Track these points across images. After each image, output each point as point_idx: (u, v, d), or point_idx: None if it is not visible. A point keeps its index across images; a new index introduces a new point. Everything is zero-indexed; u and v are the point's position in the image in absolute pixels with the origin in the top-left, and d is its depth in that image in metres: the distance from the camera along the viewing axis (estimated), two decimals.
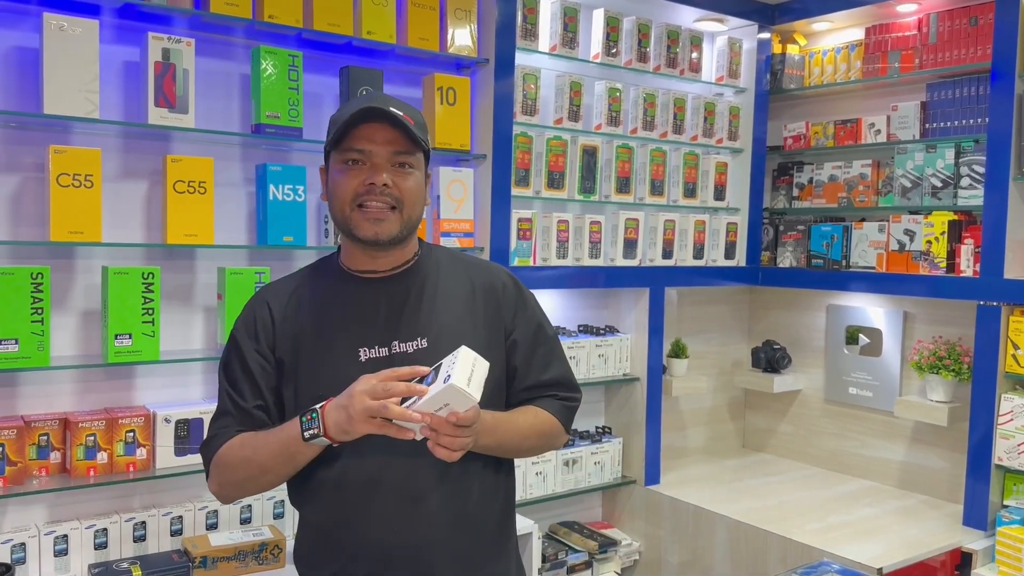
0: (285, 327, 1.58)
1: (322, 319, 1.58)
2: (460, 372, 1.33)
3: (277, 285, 1.67)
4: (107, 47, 2.38)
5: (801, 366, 3.84)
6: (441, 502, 1.55)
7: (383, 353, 1.54)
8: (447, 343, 1.51)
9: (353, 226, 1.53)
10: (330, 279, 1.63)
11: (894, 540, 2.86)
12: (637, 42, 3.38)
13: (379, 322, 1.57)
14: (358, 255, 1.60)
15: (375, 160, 1.52)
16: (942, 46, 3.29)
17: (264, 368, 1.57)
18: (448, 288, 1.63)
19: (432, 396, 1.33)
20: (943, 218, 3.19)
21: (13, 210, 2.32)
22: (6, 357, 2.16)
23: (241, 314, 1.64)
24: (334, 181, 1.55)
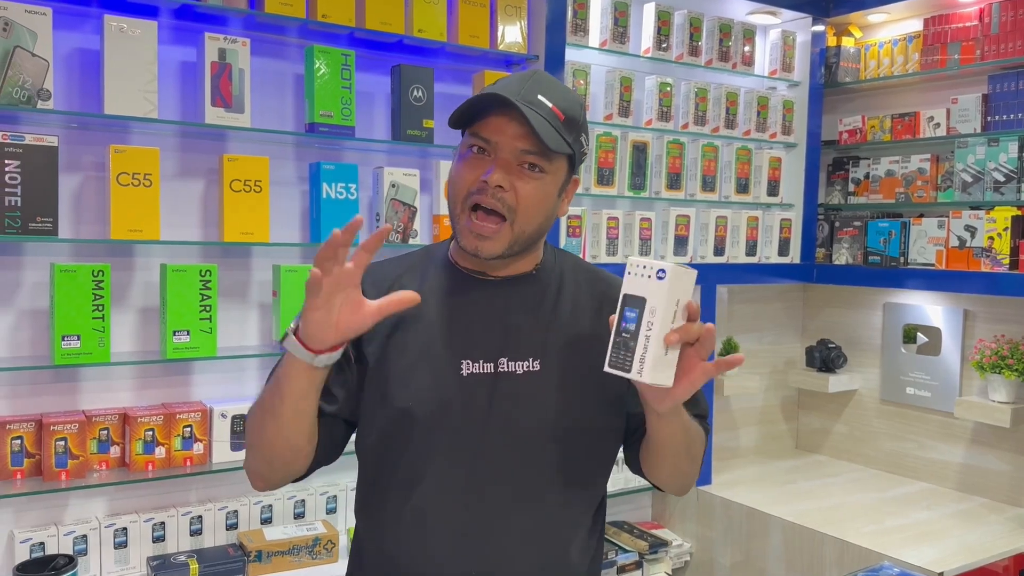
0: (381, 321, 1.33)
1: (423, 319, 1.35)
2: (660, 262, 1.15)
3: (380, 268, 1.42)
4: (165, 48, 2.42)
5: (857, 365, 3.77)
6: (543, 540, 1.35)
7: (488, 369, 1.34)
8: (564, 368, 1.35)
9: (459, 228, 1.32)
10: (438, 273, 1.41)
11: (954, 544, 2.79)
12: (688, 36, 3.34)
13: (488, 333, 1.35)
14: (468, 255, 1.37)
15: (501, 154, 1.29)
16: (1004, 36, 3.19)
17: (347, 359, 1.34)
18: (573, 302, 1.42)
19: (666, 303, 1.12)
20: (1006, 213, 3.10)
21: (75, 209, 2.37)
22: (69, 353, 2.21)
23: None
24: (455, 167, 1.34)
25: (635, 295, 1.17)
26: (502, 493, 1.34)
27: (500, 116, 1.29)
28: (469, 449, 1.33)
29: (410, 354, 1.34)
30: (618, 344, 1.18)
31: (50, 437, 2.25)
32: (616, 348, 1.18)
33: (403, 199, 2.71)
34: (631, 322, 1.16)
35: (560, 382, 1.35)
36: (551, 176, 1.33)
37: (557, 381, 1.35)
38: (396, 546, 1.35)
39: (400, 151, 2.84)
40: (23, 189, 2.14)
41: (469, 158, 1.31)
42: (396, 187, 2.70)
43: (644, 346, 1.15)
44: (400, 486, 1.34)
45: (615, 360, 1.18)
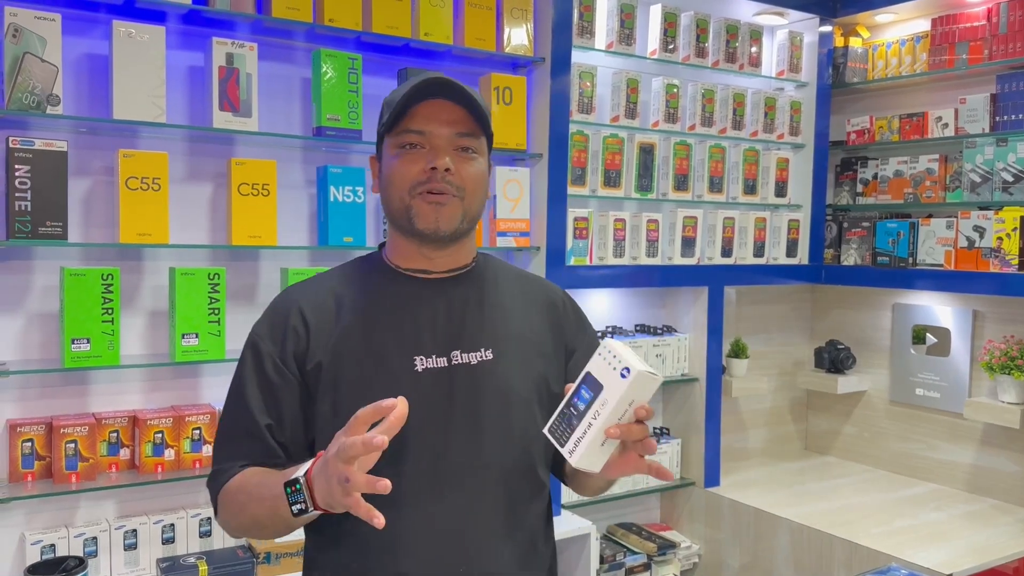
0: (322, 334, 1.35)
1: (370, 323, 1.36)
2: (632, 359, 1.14)
3: (308, 286, 1.44)
4: (173, 53, 2.43)
5: (866, 366, 3.76)
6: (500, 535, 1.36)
7: (442, 363, 1.35)
8: (515, 356, 1.38)
9: (413, 214, 1.34)
10: (376, 277, 1.43)
11: (964, 545, 2.78)
12: (695, 37, 3.34)
13: (437, 327, 1.37)
14: (412, 253, 1.40)
15: (435, 142, 1.34)
16: (1012, 36, 3.18)
17: (286, 384, 1.34)
18: (511, 297, 1.46)
19: (618, 400, 1.13)
20: (1015, 214, 3.09)
21: (84, 213, 2.39)
22: (79, 356, 2.23)
23: (264, 317, 1.41)
24: (389, 168, 1.36)
25: (596, 379, 1.17)
26: (472, 485, 1.33)
27: (430, 104, 1.34)
28: (433, 446, 1.32)
29: (363, 361, 1.34)
30: (564, 415, 1.19)
31: (60, 440, 2.27)
32: (560, 418, 1.19)
33: None
34: (583, 401, 1.17)
35: (514, 369, 1.37)
36: (482, 158, 1.41)
37: (512, 368, 1.37)
38: (365, 555, 1.32)
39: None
40: (33, 194, 2.16)
41: (403, 155, 1.35)
42: None
43: (584, 431, 1.16)
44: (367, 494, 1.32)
45: (555, 429, 1.19)
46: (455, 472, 1.32)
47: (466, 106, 1.35)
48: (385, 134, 1.39)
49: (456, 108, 1.35)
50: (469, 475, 1.33)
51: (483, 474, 1.34)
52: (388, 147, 1.38)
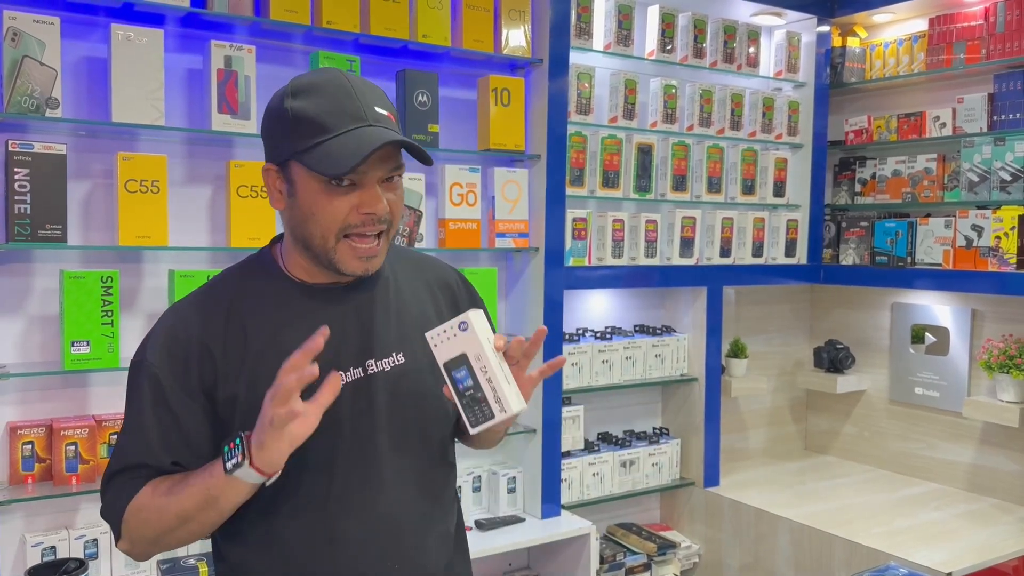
0: (231, 363, 1.28)
1: (282, 344, 1.25)
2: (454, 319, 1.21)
3: (203, 307, 1.33)
4: (171, 56, 2.44)
5: (865, 366, 3.76)
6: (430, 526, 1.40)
7: (359, 374, 1.32)
8: (424, 354, 1.31)
9: (338, 260, 1.28)
10: (278, 293, 1.34)
11: (963, 544, 2.78)
12: (693, 38, 3.35)
13: (350, 340, 1.33)
14: (313, 268, 1.33)
15: (367, 181, 1.25)
16: (1010, 35, 3.19)
17: (194, 417, 1.28)
18: (411, 292, 1.43)
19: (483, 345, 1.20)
20: (1013, 213, 3.09)
21: (83, 216, 2.40)
22: (79, 358, 2.23)
23: (155, 348, 1.29)
24: (311, 202, 1.26)
25: (452, 358, 1.22)
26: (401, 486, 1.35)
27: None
28: (363, 455, 1.32)
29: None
30: (468, 405, 1.22)
31: (60, 442, 2.27)
32: (469, 409, 1.22)
33: (408, 203, 2.72)
34: (465, 380, 1.21)
35: (425, 367, 1.35)
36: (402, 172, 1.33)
37: (423, 366, 1.36)
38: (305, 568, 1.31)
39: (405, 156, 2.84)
40: (32, 197, 2.17)
41: (331, 192, 1.25)
42: None
43: (492, 388, 1.20)
44: (298, 509, 1.31)
45: (473, 418, 1.22)
46: (384, 475, 1.33)
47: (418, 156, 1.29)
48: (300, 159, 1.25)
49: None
50: (398, 476, 1.35)
51: (409, 474, 1.36)
52: (306, 177, 1.25)
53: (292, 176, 1.28)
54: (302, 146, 1.24)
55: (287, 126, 1.26)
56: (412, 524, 1.36)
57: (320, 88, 1.27)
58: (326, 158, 1.22)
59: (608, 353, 3.23)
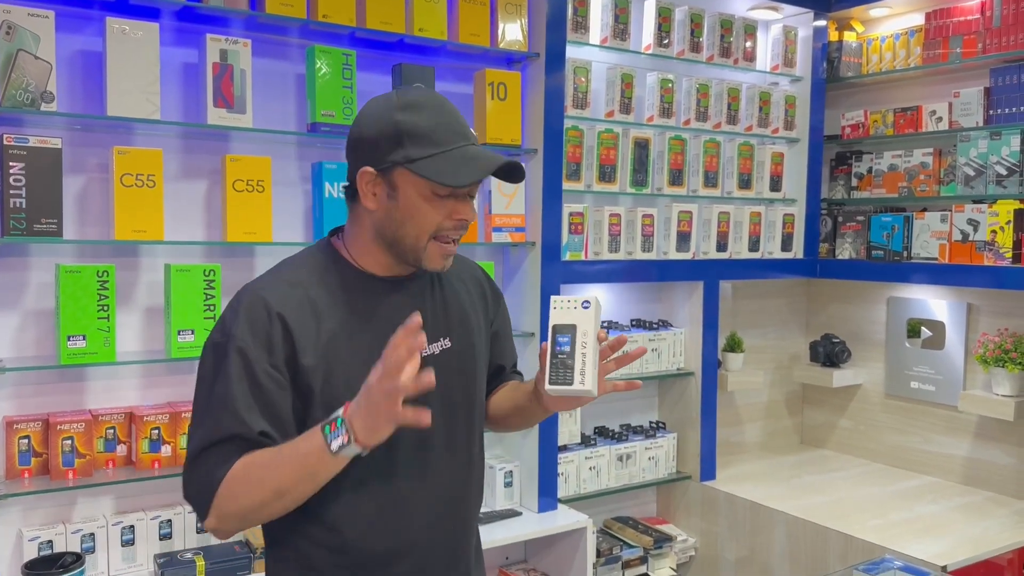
0: (307, 339, 1.38)
1: (352, 326, 1.43)
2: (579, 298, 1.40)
3: (276, 286, 1.43)
4: (167, 49, 2.44)
5: (861, 360, 3.77)
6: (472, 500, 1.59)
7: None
8: (465, 339, 1.55)
9: (425, 257, 1.44)
10: (347, 281, 1.47)
11: (958, 537, 2.79)
12: (689, 32, 3.35)
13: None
14: (391, 264, 1.48)
15: (463, 192, 1.43)
16: (1006, 30, 3.19)
17: (280, 388, 1.36)
18: (452, 285, 1.59)
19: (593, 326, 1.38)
20: (1008, 207, 3.10)
21: (79, 210, 2.39)
22: (75, 352, 2.23)
23: (239, 323, 1.37)
24: (415, 206, 1.40)
25: (564, 324, 1.40)
26: (453, 461, 1.52)
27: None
28: (420, 432, 1.38)
29: (351, 362, 1.40)
30: (556, 365, 1.39)
31: (57, 436, 2.27)
32: (555, 369, 1.39)
33: None
34: (565, 346, 1.39)
35: (467, 351, 1.56)
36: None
37: (465, 351, 1.55)
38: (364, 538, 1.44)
39: None
40: (28, 191, 2.16)
41: (432, 200, 1.41)
42: None
43: (582, 362, 1.38)
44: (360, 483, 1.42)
45: (555, 378, 1.39)
46: (436, 446, 1.49)
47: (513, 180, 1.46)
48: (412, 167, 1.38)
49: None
50: (448, 448, 1.51)
51: (457, 447, 1.53)
52: (413, 183, 1.39)
53: (395, 181, 1.40)
54: (415, 156, 1.37)
55: (399, 137, 1.39)
56: (460, 495, 1.55)
57: (427, 106, 1.42)
58: (443, 170, 1.37)
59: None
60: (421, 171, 1.37)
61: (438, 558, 1.52)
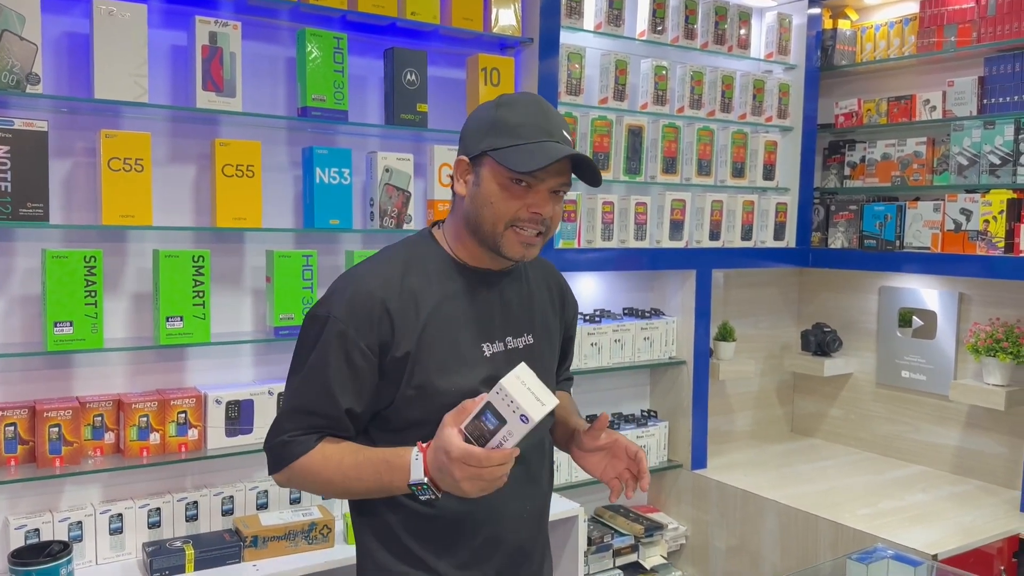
0: (406, 323, 1.49)
1: (446, 314, 1.54)
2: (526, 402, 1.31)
3: (379, 273, 1.53)
4: (155, 31, 2.40)
5: (852, 349, 3.77)
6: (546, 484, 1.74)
7: (499, 348, 1.59)
8: (544, 338, 1.68)
9: (502, 244, 1.51)
10: (445, 271, 1.57)
11: (949, 526, 2.80)
12: (684, 18, 3.32)
13: (496, 318, 1.60)
14: (481, 253, 1.57)
15: (541, 188, 1.49)
16: (1001, 18, 3.18)
17: (370, 369, 1.48)
18: (537, 285, 1.71)
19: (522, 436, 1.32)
20: (1001, 196, 3.09)
21: (66, 194, 2.36)
22: (62, 339, 2.20)
23: (343, 304, 1.48)
24: (492, 192, 1.49)
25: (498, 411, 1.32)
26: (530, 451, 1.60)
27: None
28: None
29: (442, 348, 1.52)
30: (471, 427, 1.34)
31: (43, 424, 2.24)
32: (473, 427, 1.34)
33: (397, 184, 2.69)
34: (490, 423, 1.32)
35: (545, 349, 1.68)
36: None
37: (544, 348, 1.67)
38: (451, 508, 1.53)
39: (394, 135, 2.82)
40: (13, 175, 2.13)
41: (511, 188, 1.49)
42: (390, 172, 2.68)
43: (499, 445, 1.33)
44: None
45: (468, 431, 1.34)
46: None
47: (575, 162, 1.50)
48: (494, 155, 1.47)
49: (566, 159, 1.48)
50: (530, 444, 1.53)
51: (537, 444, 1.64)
52: (495, 171, 1.49)
53: (481, 169, 1.51)
54: (499, 144, 1.47)
55: (489, 127, 1.50)
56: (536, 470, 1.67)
57: (522, 104, 1.52)
58: (517, 157, 1.45)
59: (597, 336, 3.22)
60: (498, 157, 1.47)
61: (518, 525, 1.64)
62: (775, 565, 3.07)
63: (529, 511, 1.66)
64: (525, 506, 1.64)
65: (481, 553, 1.59)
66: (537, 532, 1.72)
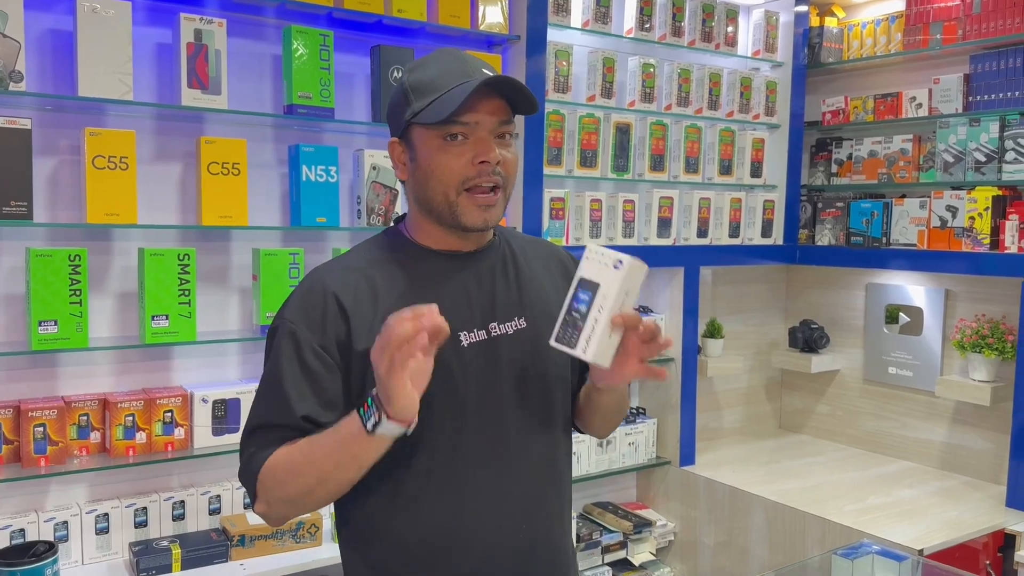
0: (361, 318, 1.35)
1: (410, 301, 1.29)
2: (616, 254, 1.25)
3: (335, 269, 1.42)
4: (140, 29, 2.39)
5: (839, 346, 3.78)
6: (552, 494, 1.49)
7: (482, 336, 1.41)
8: (543, 320, 1.43)
9: (460, 213, 1.36)
10: (407, 258, 1.43)
11: (935, 521, 2.82)
12: (671, 16, 3.32)
13: (473, 303, 1.42)
14: (442, 235, 1.42)
15: (480, 134, 1.34)
16: (986, 16, 3.19)
17: (328, 370, 1.34)
18: (529, 264, 1.52)
19: (617, 290, 1.23)
20: (987, 193, 3.11)
21: (50, 193, 2.34)
22: (46, 338, 2.19)
23: (294, 305, 1.38)
24: (432, 160, 1.35)
25: (590, 280, 1.28)
26: (527, 446, 1.44)
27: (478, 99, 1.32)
28: (490, 414, 1.40)
29: None
30: (567, 322, 1.29)
31: (28, 423, 2.23)
32: (564, 325, 1.29)
33: (384, 181, 2.69)
34: (582, 303, 1.27)
35: (546, 332, 1.40)
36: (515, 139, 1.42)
37: (543, 332, 1.41)
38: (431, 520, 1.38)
39: (381, 133, 2.81)
40: None
41: (447, 148, 1.34)
42: (377, 169, 2.67)
43: (592, 327, 1.26)
44: (429, 464, 1.37)
45: (562, 336, 1.29)
46: (510, 432, 1.41)
47: (508, 95, 1.36)
48: (415, 121, 1.36)
49: (497, 97, 1.35)
50: (522, 435, 1.43)
51: (533, 434, 1.44)
52: (425, 136, 1.35)
53: (413, 141, 1.38)
54: (419, 107, 1.34)
55: (405, 96, 1.37)
56: (535, 482, 1.45)
57: (432, 59, 1.40)
58: (437, 109, 1.31)
59: None
60: (422, 119, 1.34)
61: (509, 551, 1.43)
62: (763, 561, 3.09)
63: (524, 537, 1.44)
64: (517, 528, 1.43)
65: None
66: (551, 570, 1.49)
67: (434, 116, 1.32)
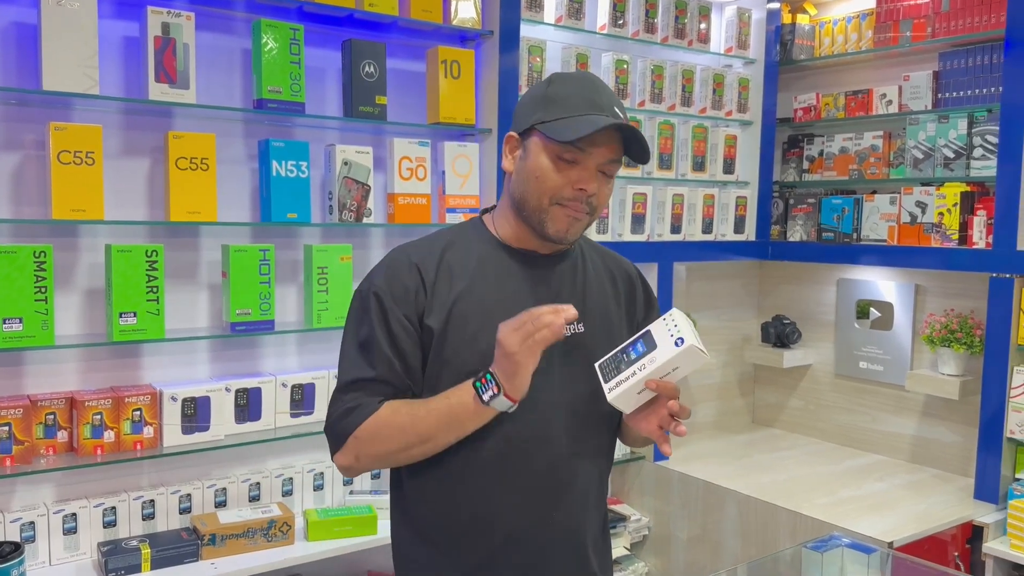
0: (438, 294, 1.50)
1: (481, 290, 1.52)
2: (688, 332, 1.33)
3: (421, 247, 1.56)
4: (106, 22, 2.35)
5: (811, 340, 3.81)
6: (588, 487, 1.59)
7: None
8: (600, 330, 1.58)
9: (547, 220, 1.48)
10: (486, 249, 1.56)
11: (905, 514, 2.85)
12: (644, 12, 3.33)
13: (538, 301, 1.48)
14: (525, 234, 1.55)
15: (589, 165, 1.46)
16: (955, 14, 3.22)
17: (410, 335, 1.49)
18: (596, 274, 1.64)
19: (666, 362, 1.32)
20: (955, 189, 3.15)
21: (14, 188, 2.31)
22: (10, 336, 2.15)
23: (380, 275, 1.52)
24: (540, 167, 1.47)
25: (653, 338, 1.39)
26: (570, 441, 1.54)
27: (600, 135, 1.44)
28: (538, 404, 1.48)
29: (473, 322, 1.49)
30: (616, 359, 1.41)
31: None
32: (613, 359, 1.42)
33: (356, 177, 2.67)
34: (635, 352, 1.39)
35: (599, 341, 1.56)
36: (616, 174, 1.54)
37: (597, 340, 1.56)
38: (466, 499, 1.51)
39: (352, 128, 2.80)
40: None
41: (558, 164, 1.47)
42: (349, 165, 2.66)
43: (628, 376, 1.37)
44: (469, 441, 1.47)
45: (605, 365, 1.43)
46: (554, 429, 1.52)
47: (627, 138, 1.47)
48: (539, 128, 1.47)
49: (616, 135, 1.46)
50: (568, 432, 1.53)
51: (579, 432, 1.55)
52: (542, 144, 1.47)
53: (528, 144, 1.50)
54: (546, 118, 1.46)
55: (539, 103, 1.49)
56: (577, 470, 1.56)
57: (574, 79, 1.52)
58: (562, 128, 1.44)
59: None
60: (545, 130, 1.46)
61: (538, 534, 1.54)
62: (735, 554, 3.10)
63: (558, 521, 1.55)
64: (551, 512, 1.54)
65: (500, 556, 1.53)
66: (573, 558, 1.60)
67: (558, 134, 1.44)
